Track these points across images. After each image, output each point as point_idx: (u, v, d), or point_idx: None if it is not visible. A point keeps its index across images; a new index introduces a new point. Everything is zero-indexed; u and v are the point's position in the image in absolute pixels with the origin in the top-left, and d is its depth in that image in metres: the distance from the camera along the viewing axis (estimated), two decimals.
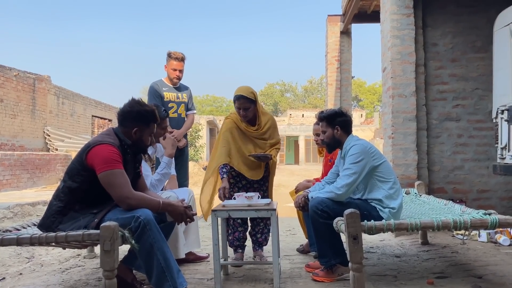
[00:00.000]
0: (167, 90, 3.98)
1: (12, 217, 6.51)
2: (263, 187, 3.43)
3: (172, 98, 3.98)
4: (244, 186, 3.40)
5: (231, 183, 3.34)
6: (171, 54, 3.93)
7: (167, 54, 3.97)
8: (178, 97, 4.02)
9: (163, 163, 3.09)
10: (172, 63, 3.94)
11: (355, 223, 2.32)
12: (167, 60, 3.97)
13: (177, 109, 3.98)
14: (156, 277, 2.27)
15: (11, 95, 12.81)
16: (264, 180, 3.43)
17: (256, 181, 3.38)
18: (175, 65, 3.95)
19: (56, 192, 2.43)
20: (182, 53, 3.98)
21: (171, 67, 3.95)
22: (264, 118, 3.35)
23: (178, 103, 4.00)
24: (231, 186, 3.32)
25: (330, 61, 8.48)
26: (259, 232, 3.45)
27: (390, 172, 2.82)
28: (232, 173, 3.36)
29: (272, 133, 3.38)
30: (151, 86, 3.98)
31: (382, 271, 3.01)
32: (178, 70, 3.97)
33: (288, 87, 58.73)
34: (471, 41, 4.67)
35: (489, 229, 2.55)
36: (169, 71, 3.97)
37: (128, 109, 2.48)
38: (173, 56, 3.93)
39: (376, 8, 7.04)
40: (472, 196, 4.59)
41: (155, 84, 3.97)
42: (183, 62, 3.99)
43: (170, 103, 3.95)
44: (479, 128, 4.63)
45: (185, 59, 4.00)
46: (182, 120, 4.02)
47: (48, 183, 12.16)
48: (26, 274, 3.15)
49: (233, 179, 3.38)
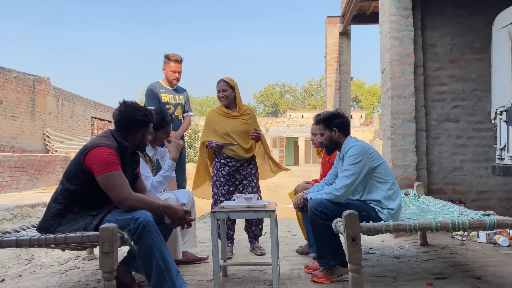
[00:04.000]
0: (164, 91, 4.01)
1: (12, 219, 6.51)
2: (251, 183, 3.67)
3: (169, 99, 4.01)
4: (233, 184, 3.65)
5: (221, 181, 3.63)
6: (170, 56, 3.97)
7: (164, 56, 4.00)
8: (175, 98, 4.06)
9: (166, 166, 3.12)
10: (171, 65, 3.97)
11: (354, 224, 2.32)
12: (165, 62, 4.00)
13: (174, 111, 4.01)
14: (155, 279, 2.28)
15: (11, 97, 12.82)
16: (252, 176, 3.70)
17: (245, 177, 3.67)
18: (174, 67, 3.99)
19: (54, 195, 2.43)
20: (179, 55, 4.02)
21: (170, 69, 3.98)
22: (244, 106, 3.79)
23: (175, 105, 4.04)
24: (222, 185, 3.63)
25: (330, 62, 8.48)
26: (254, 224, 3.69)
27: (388, 173, 2.83)
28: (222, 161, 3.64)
29: (253, 122, 3.74)
30: (148, 88, 4.00)
31: (381, 272, 3.02)
32: (177, 72, 4.01)
33: (288, 88, 58.78)
34: (469, 42, 4.68)
35: (487, 230, 2.55)
36: (168, 73, 4.00)
37: (128, 116, 2.48)
38: (172, 58, 3.96)
39: (375, 10, 7.05)
40: (471, 197, 4.60)
41: (153, 86, 4.00)
42: (181, 64, 4.04)
43: (167, 104, 3.98)
44: (478, 129, 4.63)
45: (183, 60, 4.05)
46: (178, 122, 4.06)
47: (47, 185, 12.16)
48: (25, 276, 3.15)
49: (223, 177, 3.62)
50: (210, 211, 2.84)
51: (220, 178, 3.63)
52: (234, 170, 3.64)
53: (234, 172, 3.64)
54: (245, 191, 3.62)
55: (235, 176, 3.65)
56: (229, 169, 3.63)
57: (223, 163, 3.64)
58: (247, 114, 3.73)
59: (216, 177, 3.65)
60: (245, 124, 3.68)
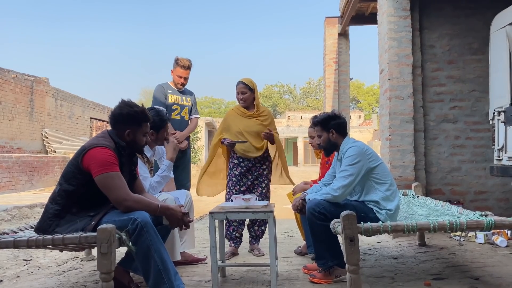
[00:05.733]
0: (172, 92, 4.06)
1: (10, 220, 6.51)
2: (262, 184, 3.70)
3: (176, 100, 4.06)
4: (245, 184, 3.66)
5: (233, 181, 3.67)
6: (179, 61, 4.00)
7: (174, 59, 4.03)
8: (182, 100, 4.11)
9: (163, 166, 3.12)
10: (178, 70, 4.02)
11: (352, 225, 2.32)
12: (174, 66, 4.04)
13: (181, 112, 4.06)
14: (154, 279, 2.27)
15: (9, 97, 12.80)
16: (264, 177, 3.72)
17: (257, 177, 3.69)
18: (181, 73, 4.03)
19: (52, 195, 2.42)
20: (189, 61, 4.05)
21: (177, 73, 4.03)
22: (262, 107, 3.83)
23: (182, 106, 4.09)
24: (233, 185, 3.66)
25: (328, 63, 8.49)
26: (256, 224, 3.71)
27: (386, 174, 2.83)
28: (235, 161, 3.68)
29: (269, 124, 3.77)
30: (157, 88, 4.07)
31: (380, 272, 3.02)
32: (184, 77, 4.05)
33: (287, 88, 58.78)
34: (468, 43, 4.69)
35: (485, 230, 2.56)
36: (175, 77, 4.05)
37: (118, 111, 2.48)
38: (180, 64, 3.99)
39: (374, 10, 7.05)
40: (469, 198, 4.60)
41: (161, 86, 4.06)
42: (189, 70, 4.06)
43: (174, 105, 4.04)
44: (476, 130, 4.64)
45: (191, 67, 4.07)
46: (185, 123, 4.10)
47: (46, 185, 12.15)
48: (23, 277, 3.15)
49: (235, 177, 3.65)
50: (208, 211, 2.84)
51: (232, 178, 3.68)
52: (246, 170, 3.66)
53: (246, 172, 3.67)
54: (255, 191, 3.66)
55: (247, 176, 3.67)
56: (241, 169, 3.66)
57: (236, 163, 3.69)
58: (263, 115, 3.76)
59: (229, 177, 3.70)
60: (260, 125, 3.70)
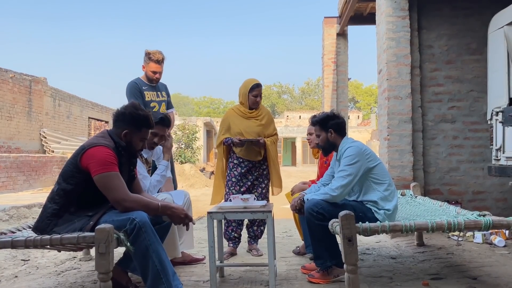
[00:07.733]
0: (147, 89, 3.83)
1: (8, 220, 6.49)
2: (261, 184, 3.71)
3: (153, 97, 3.85)
4: (245, 184, 3.65)
5: (233, 182, 3.67)
6: (151, 55, 3.74)
7: (145, 53, 3.77)
8: (158, 96, 3.90)
9: (162, 166, 3.15)
10: (151, 65, 3.77)
11: (350, 225, 2.32)
12: (145, 61, 3.79)
13: (159, 108, 3.86)
14: (152, 280, 2.27)
15: (7, 97, 12.78)
16: (264, 178, 3.73)
17: (257, 178, 3.70)
18: (155, 68, 3.78)
19: (51, 195, 2.42)
20: (161, 53, 3.81)
21: (150, 69, 3.78)
22: (264, 108, 3.87)
23: (159, 102, 3.89)
24: (233, 185, 3.66)
25: (327, 63, 8.49)
26: (255, 224, 3.71)
27: (385, 174, 2.83)
28: (235, 161, 3.67)
29: (268, 123, 3.78)
30: (131, 85, 3.78)
31: (378, 272, 3.02)
32: (158, 72, 3.82)
33: (285, 89, 58.77)
34: (466, 43, 4.70)
35: (483, 230, 2.56)
36: (149, 73, 3.80)
37: (122, 110, 2.48)
38: (153, 58, 3.75)
39: (372, 10, 7.06)
40: (467, 198, 4.61)
41: (135, 83, 3.79)
42: (162, 64, 3.83)
43: (152, 102, 3.82)
44: (474, 130, 4.65)
45: (165, 59, 3.84)
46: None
47: (44, 185, 12.13)
48: (21, 277, 3.14)
49: (235, 178, 3.65)
50: (207, 212, 2.84)
51: (232, 178, 3.67)
52: (246, 170, 3.66)
53: (246, 172, 3.67)
54: (255, 191, 3.66)
55: (247, 177, 3.67)
56: (242, 169, 3.66)
57: (235, 163, 3.68)
58: (261, 115, 3.74)
59: (229, 177, 3.69)
60: (259, 126, 3.70)
